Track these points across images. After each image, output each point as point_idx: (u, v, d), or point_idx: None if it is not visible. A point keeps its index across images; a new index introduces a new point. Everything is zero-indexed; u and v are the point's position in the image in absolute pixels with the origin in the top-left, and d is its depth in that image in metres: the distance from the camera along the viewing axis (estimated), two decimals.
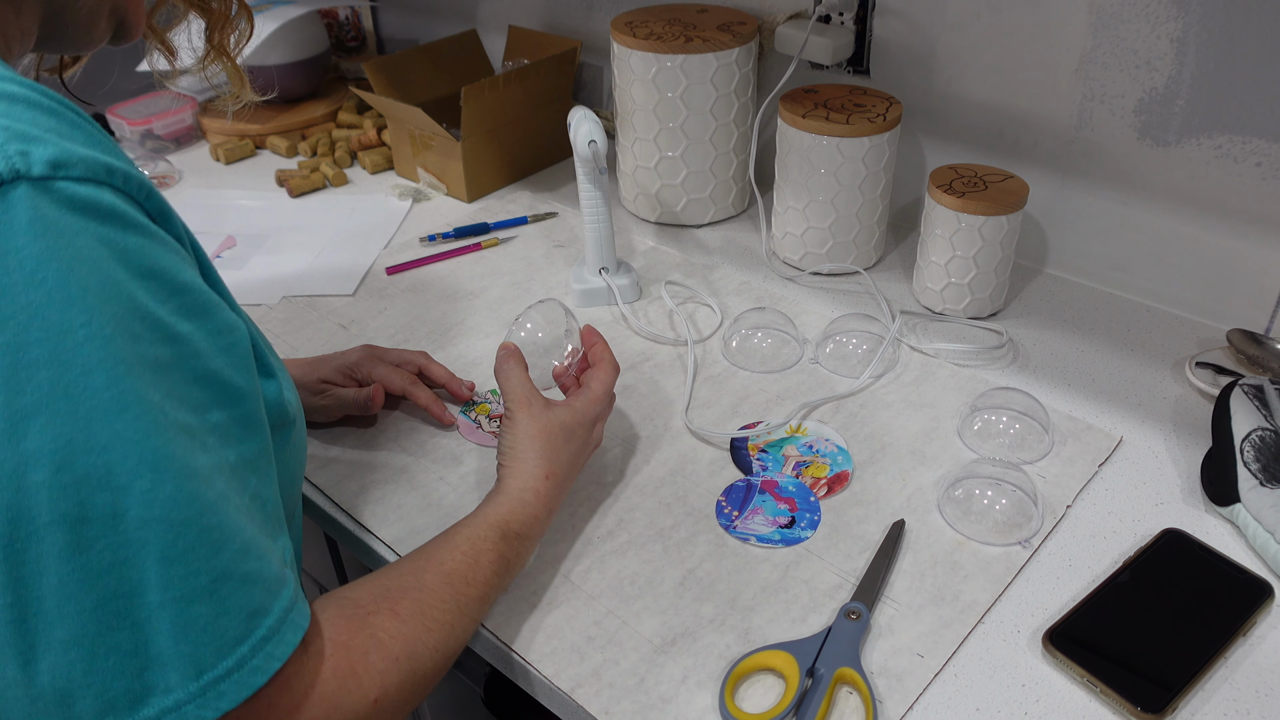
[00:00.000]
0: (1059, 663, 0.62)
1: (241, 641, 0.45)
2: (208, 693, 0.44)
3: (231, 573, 0.45)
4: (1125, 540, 0.71)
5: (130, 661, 0.42)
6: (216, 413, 0.47)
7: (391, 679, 0.52)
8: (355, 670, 0.50)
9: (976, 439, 0.80)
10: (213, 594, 0.44)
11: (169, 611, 0.43)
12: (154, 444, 0.42)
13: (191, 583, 0.43)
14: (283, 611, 0.47)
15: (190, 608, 0.43)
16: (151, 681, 0.43)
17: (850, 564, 0.70)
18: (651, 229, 1.14)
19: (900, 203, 1.12)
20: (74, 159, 0.42)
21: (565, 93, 1.27)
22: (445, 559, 0.60)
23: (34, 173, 0.40)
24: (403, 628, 0.54)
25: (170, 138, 1.39)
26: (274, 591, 0.47)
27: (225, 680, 0.44)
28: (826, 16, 1.06)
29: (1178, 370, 0.88)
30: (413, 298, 1.02)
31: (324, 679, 0.49)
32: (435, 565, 0.59)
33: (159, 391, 0.43)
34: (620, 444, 0.81)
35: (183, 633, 0.43)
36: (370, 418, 0.84)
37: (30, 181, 0.40)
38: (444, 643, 0.56)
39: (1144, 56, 0.88)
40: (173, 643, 0.43)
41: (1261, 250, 0.89)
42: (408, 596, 0.56)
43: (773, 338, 0.92)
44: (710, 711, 0.60)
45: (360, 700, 0.50)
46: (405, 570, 0.58)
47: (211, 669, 0.44)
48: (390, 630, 0.53)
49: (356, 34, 1.60)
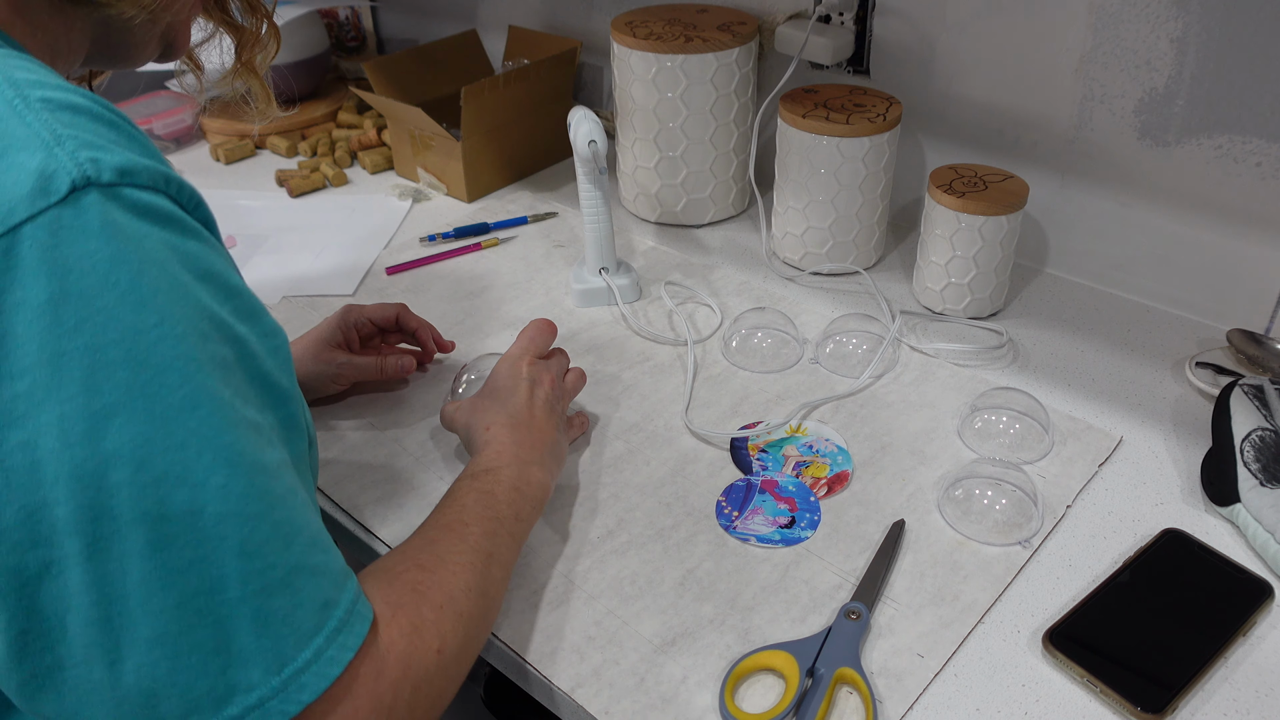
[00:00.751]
0: (1059, 663, 0.62)
1: (317, 633, 0.46)
2: (289, 686, 0.45)
3: (304, 565, 0.46)
4: (1125, 540, 0.71)
5: (214, 659, 0.43)
6: (269, 414, 0.48)
7: (446, 625, 0.53)
8: (415, 625, 0.52)
9: (976, 439, 0.80)
10: (288, 586, 0.45)
11: (249, 606, 0.44)
12: (227, 440, 0.44)
13: (269, 576, 0.44)
14: (350, 603, 0.48)
15: (269, 601, 0.44)
16: (235, 679, 0.43)
17: (850, 564, 0.70)
18: (651, 229, 1.14)
19: (900, 203, 1.12)
20: (139, 167, 0.44)
21: (565, 93, 1.27)
22: (436, 517, 0.63)
23: (104, 179, 0.42)
24: (432, 576, 0.55)
25: (170, 138, 1.39)
26: (340, 583, 0.48)
27: (305, 673, 0.45)
28: (826, 16, 1.06)
29: (1178, 370, 0.88)
30: (413, 298, 1.02)
31: (394, 643, 0.50)
32: (431, 524, 0.62)
33: (228, 389, 0.45)
34: (620, 444, 0.81)
35: (263, 627, 0.44)
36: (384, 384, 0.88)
37: (100, 188, 0.42)
38: (473, 581, 0.57)
39: (1144, 56, 0.88)
40: (254, 638, 0.44)
41: (1261, 250, 0.89)
42: (423, 552, 0.58)
43: (773, 338, 0.92)
44: (710, 711, 0.60)
45: (425, 653, 0.51)
46: (412, 537, 0.61)
47: (292, 661, 0.45)
48: (424, 581, 0.55)
49: (356, 34, 1.60)
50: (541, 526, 0.73)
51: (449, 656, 0.53)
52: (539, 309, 0.99)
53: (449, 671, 0.53)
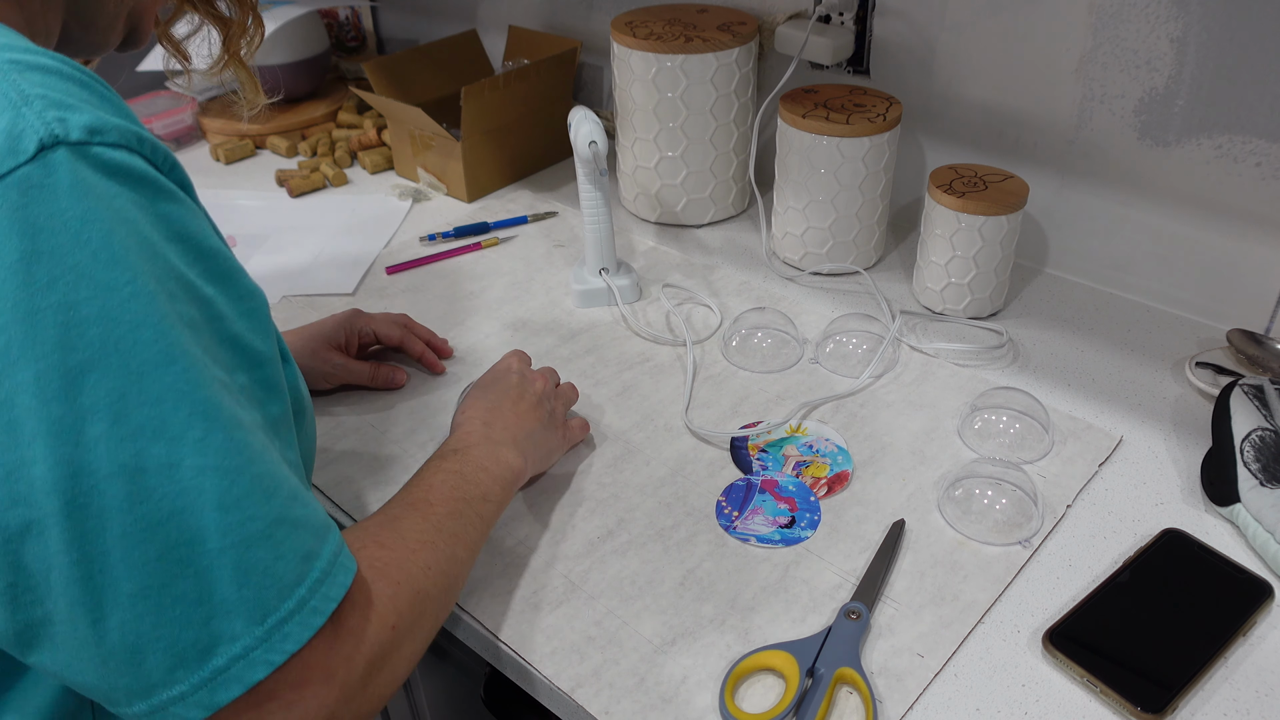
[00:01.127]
0: (1059, 663, 0.62)
1: (299, 583, 0.46)
2: (273, 636, 0.45)
3: (285, 517, 0.46)
4: (1125, 540, 0.71)
5: (196, 610, 0.43)
6: (241, 374, 0.48)
7: (401, 603, 0.53)
8: (370, 600, 0.51)
9: (976, 439, 0.80)
10: (269, 538, 0.45)
11: (230, 557, 0.44)
12: (203, 395, 0.44)
13: (249, 528, 0.44)
14: (332, 555, 0.48)
15: (249, 552, 0.44)
16: (218, 630, 0.44)
17: (850, 564, 0.70)
18: (651, 229, 1.14)
19: (900, 203, 1.12)
20: (108, 126, 0.44)
21: (565, 93, 1.27)
22: (401, 495, 0.63)
23: (72, 138, 0.42)
24: (390, 554, 0.55)
25: (170, 138, 1.39)
26: (322, 535, 0.48)
27: (289, 622, 0.45)
28: (826, 16, 1.06)
29: (1178, 370, 0.88)
30: (413, 297, 1.02)
31: (349, 616, 0.50)
32: (395, 501, 0.62)
33: (198, 347, 0.45)
34: (620, 444, 0.81)
35: (245, 577, 0.44)
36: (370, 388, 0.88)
37: (69, 146, 0.42)
38: (433, 561, 0.57)
39: (1144, 56, 0.88)
40: (236, 588, 0.44)
41: (1261, 250, 0.89)
42: (383, 529, 0.58)
43: (773, 338, 0.92)
44: (710, 711, 0.60)
45: (381, 628, 0.51)
46: (373, 516, 0.61)
47: (275, 611, 0.45)
48: (381, 558, 0.54)
49: (356, 34, 1.60)
50: (542, 527, 0.73)
51: (403, 630, 0.53)
52: (539, 309, 0.99)
53: (404, 649, 0.53)
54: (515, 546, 0.72)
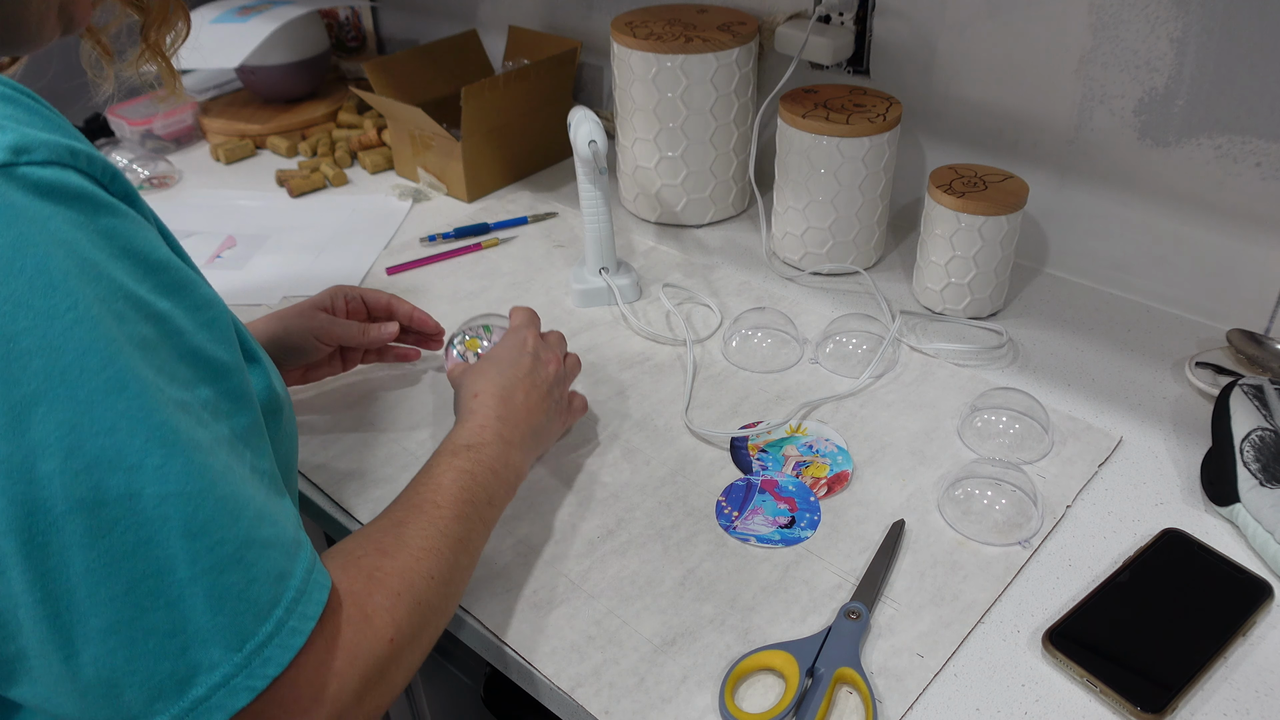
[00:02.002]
0: (1059, 662, 0.62)
1: (275, 605, 0.45)
2: (253, 661, 0.44)
3: (253, 539, 0.45)
4: (1125, 540, 0.71)
5: (170, 641, 0.42)
6: (204, 389, 0.47)
7: (400, 614, 0.52)
8: (366, 614, 0.51)
9: (976, 439, 0.80)
10: (240, 561, 0.44)
11: (201, 585, 0.43)
12: (159, 419, 0.42)
13: (218, 553, 0.43)
14: (305, 572, 0.47)
15: (221, 578, 0.43)
16: (195, 660, 0.43)
17: (850, 564, 0.70)
18: (651, 229, 1.14)
19: (900, 203, 1.12)
20: (35, 143, 0.41)
21: (565, 93, 1.27)
22: (409, 494, 0.61)
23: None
24: (392, 563, 0.54)
25: (170, 138, 1.39)
26: (292, 554, 0.47)
27: (268, 645, 0.44)
28: (826, 16, 1.06)
29: (1178, 370, 0.88)
30: (413, 297, 1.02)
31: (342, 630, 0.49)
32: (402, 502, 0.61)
33: (151, 369, 0.43)
34: (620, 444, 0.81)
35: (219, 604, 0.43)
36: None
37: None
38: (437, 569, 0.56)
39: (1144, 56, 0.88)
40: (210, 615, 0.43)
41: (1261, 250, 0.89)
42: (387, 534, 0.57)
43: (773, 338, 0.92)
44: (710, 711, 0.60)
45: (377, 642, 0.50)
46: (379, 517, 0.60)
47: (253, 636, 0.44)
48: (383, 568, 0.53)
49: (356, 34, 1.60)
50: (542, 526, 0.73)
51: (401, 644, 0.52)
52: (539, 309, 0.99)
53: (402, 661, 0.52)
54: (515, 546, 0.72)
